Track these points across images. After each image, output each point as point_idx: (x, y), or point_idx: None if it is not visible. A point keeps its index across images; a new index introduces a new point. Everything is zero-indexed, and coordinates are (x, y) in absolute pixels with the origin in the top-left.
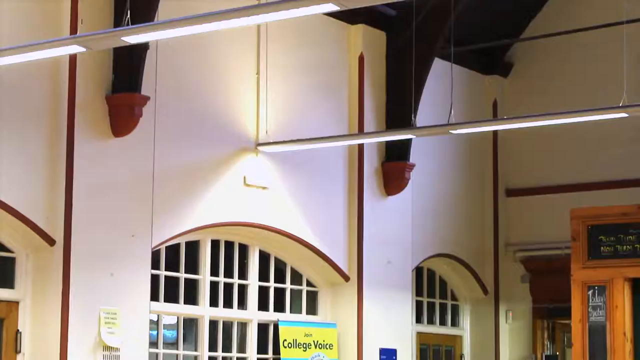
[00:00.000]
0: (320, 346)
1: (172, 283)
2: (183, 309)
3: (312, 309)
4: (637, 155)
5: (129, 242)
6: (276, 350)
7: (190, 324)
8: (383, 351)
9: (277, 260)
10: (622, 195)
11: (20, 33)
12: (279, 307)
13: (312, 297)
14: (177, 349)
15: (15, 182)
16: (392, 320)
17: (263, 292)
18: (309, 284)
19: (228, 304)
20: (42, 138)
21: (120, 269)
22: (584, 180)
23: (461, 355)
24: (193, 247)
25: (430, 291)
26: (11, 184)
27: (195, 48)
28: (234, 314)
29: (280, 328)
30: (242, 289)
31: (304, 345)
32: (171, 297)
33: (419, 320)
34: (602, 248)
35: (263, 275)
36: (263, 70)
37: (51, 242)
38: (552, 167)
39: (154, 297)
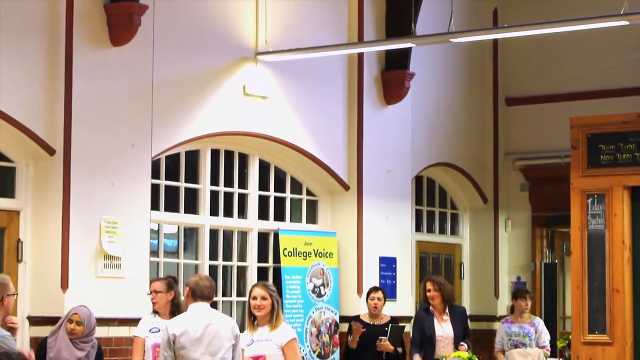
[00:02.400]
0: (320, 255)
1: (172, 192)
2: (183, 218)
3: (312, 218)
4: (638, 63)
5: (129, 152)
6: (276, 259)
7: (190, 233)
8: (383, 260)
9: (277, 170)
10: (622, 104)
11: None
12: (279, 216)
13: (312, 206)
14: (177, 257)
15: (15, 92)
16: (392, 229)
17: (263, 201)
18: (308, 193)
19: (228, 213)
20: (41, 48)
21: (120, 178)
22: (584, 89)
23: (460, 264)
24: (193, 157)
25: (429, 200)
26: (11, 94)
27: None
28: (234, 223)
29: (281, 237)
30: (242, 198)
31: (304, 254)
32: (171, 207)
33: (418, 229)
34: (601, 156)
35: (263, 185)
36: None
37: (51, 151)
38: (552, 76)
39: (154, 206)
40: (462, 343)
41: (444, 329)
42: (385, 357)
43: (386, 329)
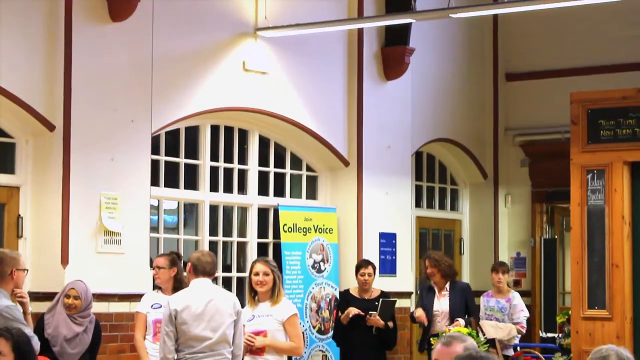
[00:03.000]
0: (320, 230)
1: (172, 168)
2: (183, 194)
3: (311, 194)
4: (638, 38)
5: (129, 127)
6: (276, 235)
7: (190, 209)
8: (382, 235)
9: (276, 145)
10: (622, 79)
11: None
12: (279, 192)
13: (312, 182)
14: (177, 233)
15: (15, 68)
16: (392, 204)
17: (263, 177)
18: (308, 168)
19: (228, 189)
20: (40, 23)
21: (120, 154)
22: (584, 64)
23: (460, 240)
24: (193, 132)
25: (429, 176)
26: (10, 70)
27: None
28: (234, 198)
29: (280, 212)
30: (242, 174)
31: (304, 230)
32: (171, 182)
33: (418, 204)
34: (601, 132)
35: (263, 160)
36: None
37: (51, 127)
38: (553, 51)
39: (154, 182)
40: (457, 319)
41: (441, 304)
42: (376, 331)
43: (376, 303)
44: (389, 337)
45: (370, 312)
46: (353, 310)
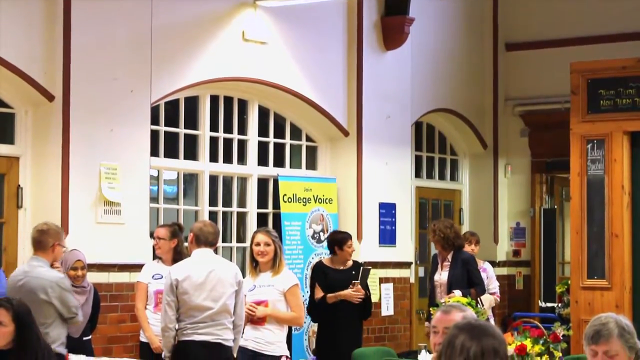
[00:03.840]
0: (319, 201)
1: (171, 139)
2: (183, 165)
3: (311, 164)
4: (638, 8)
5: (128, 98)
6: (276, 205)
7: (190, 179)
8: (382, 205)
9: (276, 116)
10: (622, 49)
11: None
12: (279, 162)
13: (312, 152)
14: (177, 204)
15: (14, 38)
16: (392, 174)
17: (263, 147)
18: (308, 139)
19: (228, 159)
20: None
21: (119, 124)
22: (584, 34)
23: (460, 210)
24: (192, 103)
25: (429, 146)
26: (9, 40)
27: None
28: (234, 169)
29: (280, 183)
30: (242, 144)
31: (304, 200)
32: (171, 153)
33: (418, 174)
34: (601, 102)
35: (262, 131)
36: None
37: (50, 97)
38: (553, 21)
39: (154, 152)
40: (453, 291)
41: (441, 275)
42: (361, 301)
43: (353, 272)
44: (367, 307)
45: (353, 282)
46: (342, 295)
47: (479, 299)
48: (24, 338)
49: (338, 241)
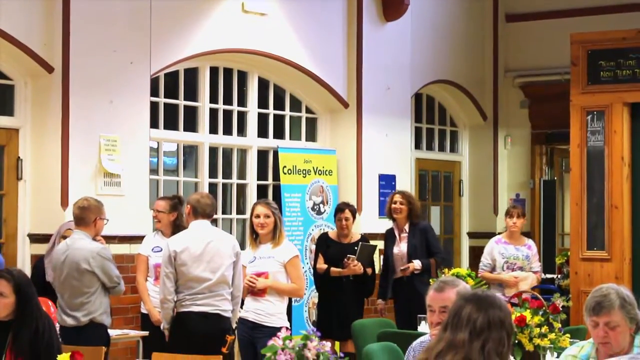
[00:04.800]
0: (319, 172)
1: (171, 110)
2: (183, 136)
3: (311, 136)
4: None
5: (128, 69)
6: (276, 177)
7: (190, 151)
8: (382, 177)
9: (276, 87)
10: (622, 20)
11: None
12: (279, 134)
13: (312, 124)
14: (177, 175)
15: (13, 9)
16: (391, 146)
17: (262, 119)
18: (308, 110)
19: (228, 131)
20: None
21: (119, 96)
22: (584, 5)
23: (460, 181)
24: (192, 74)
25: (429, 117)
26: (9, 11)
27: None
28: (234, 140)
29: (280, 154)
30: (242, 116)
31: (304, 172)
32: (171, 125)
33: (417, 146)
34: (601, 73)
35: (262, 102)
36: None
37: (49, 69)
38: None
39: (154, 124)
40: (412, 261)
41: (400, 246)
42: (352, 277)
43: (355, 248)
44: (367, 284)
45: (348, 256)
46: (344, 272)
47: (439, 270)
48: (25, 309)
49: (334, 212)
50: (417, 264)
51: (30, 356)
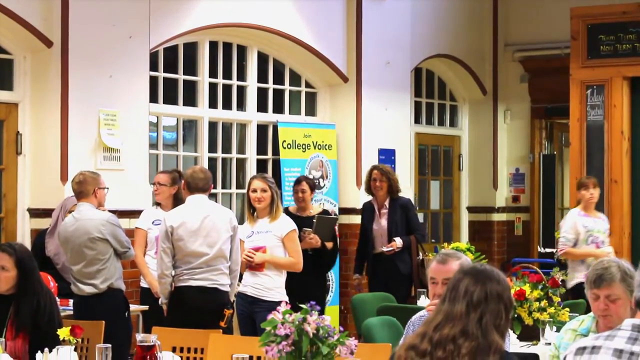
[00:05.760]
0: (319, 147)
1: (170, 85)
2: (182, 111)
3: (311, 110)
4: None
5: (127, 44)
6: (275, 151)
7: (189, 126)
8: (381, 151)
9: (275, 62)
10: None
11: None
12: (278, 109)
13: (311, 98)
14: (176, 150)
15: None
16: (391, 121)
17: (262, 94)
18: (307, 85)
19: (227, 105)
20: None
21: (118, 70)
22: None
23: (459, 156)
24: (191, 49)
25: (428, 92)
26: None
27: None
28: (233, 115)
29: (280, 129)
30: (241, 91)
31: (303, 146)
32: (170, 99)
33: (417, 120)
34: (601, 47)
35: (262, 77)
36: None
37: (48, 43)
38: None
39: (153, 98)
40: (394, 239)
41: (380, 222)
42: (311, 251)
43: (313, 220)
44: (326, 258)
45: (304, 229)
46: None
47: (419, 246)
48: (26, 283)
49: (293, 186)
50: (398, 242)
51: (32, 330)
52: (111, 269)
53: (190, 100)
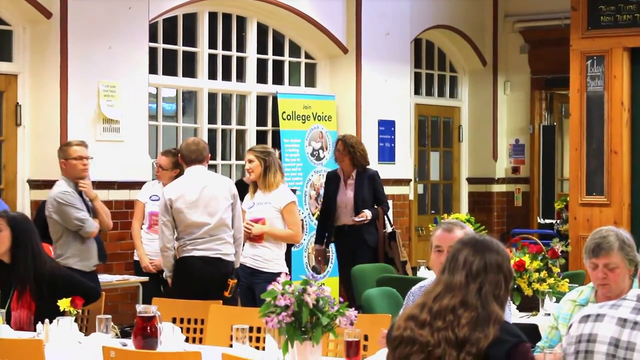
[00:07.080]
0: (319, 118)
1: (170, 56)
2: (182, 82)
3: (310, 81)
4: None
5: (126, 15)
6: (275, 122)
7: (189, 97)
8: (381, 123)
9: (275, 33)
10: None
11: None
12: (278, 80)
13: (311, 69)
14: (176, 121)
15: None
16: (391, 92)
17: (261, 65)
18: (307, 56)
19: (227, 76)
20: None
21: (117, 41)
22: None
23: (459, 127)
24: (190, 20)
25: (428, 63)
26: None
27: None
28: (233, 86)
29: (279, 100)
30: (241, 62)
31: (303, 117)
32: (169, 70)
33: (417, 92)
34: (601, 17)
35: (261, 48)
36: None
37: (48, 14)
38: None
39: (153, 70)
40: (363, 211)
41: (346, 194)
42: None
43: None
44: None
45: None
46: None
47: (386, 217)
48: (20, 241)
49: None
50: (368, 213)
51: (37, 299)
52: (62, 248)
53: (190, 71)
